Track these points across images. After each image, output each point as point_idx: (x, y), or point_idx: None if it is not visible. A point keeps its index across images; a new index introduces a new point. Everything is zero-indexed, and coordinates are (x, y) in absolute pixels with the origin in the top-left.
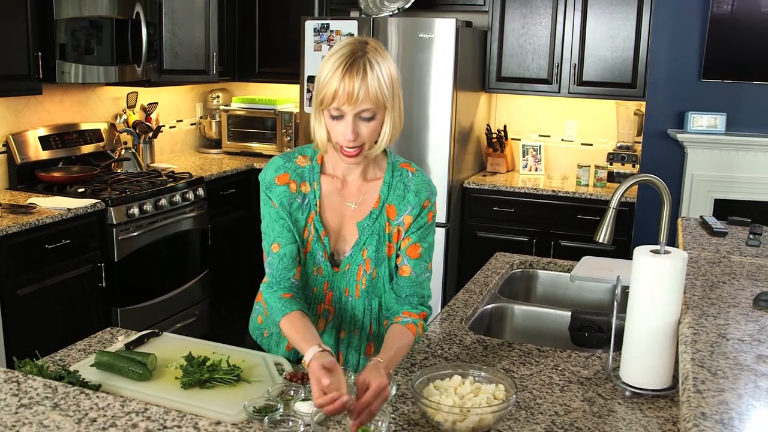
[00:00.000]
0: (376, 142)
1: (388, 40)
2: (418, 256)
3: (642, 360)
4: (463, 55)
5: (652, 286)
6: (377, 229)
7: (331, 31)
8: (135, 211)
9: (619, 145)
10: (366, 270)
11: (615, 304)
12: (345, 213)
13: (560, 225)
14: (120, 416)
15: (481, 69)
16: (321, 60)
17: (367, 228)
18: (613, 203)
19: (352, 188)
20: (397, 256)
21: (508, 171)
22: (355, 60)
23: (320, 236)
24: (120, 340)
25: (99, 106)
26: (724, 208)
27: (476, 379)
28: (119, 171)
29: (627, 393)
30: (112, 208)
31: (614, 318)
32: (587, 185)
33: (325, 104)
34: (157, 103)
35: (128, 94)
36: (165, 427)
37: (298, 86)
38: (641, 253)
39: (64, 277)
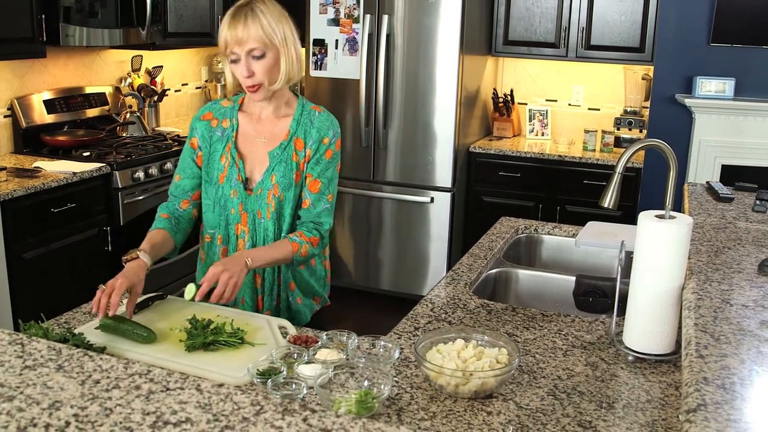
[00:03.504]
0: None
1: (396, 3)
2: (318, 191)
3: (645, 325)
4: (469, 18)
5: (657, 251)
6: (285, 157)
7: None
8: (140, 174)
9: (626, 110)
10: (275, 194)
11: (619, 269)
12: (258, 144)
13: (566, 190)
14: (123, 378)
15: (487, 32)
16: (326, 23)
17: (277, 156)
18: (619, 168)
19: (266, 124)
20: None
21: (514, 135)
22: (239, 10)
23: (235, 161)
24: (125, 303)
25: (104, 70)
26: (732, 174)
27: (479, 343)
28: (124, 135)
29: (630, 358)
30: (117, 172)
31: (617, 283)
32: (594, 150)
33: (222, 52)
34: (161, 66)
35: (133, 58)
36: (168, 389)
37: (303, 49)
38: (646, 218)
39: (70, 241)
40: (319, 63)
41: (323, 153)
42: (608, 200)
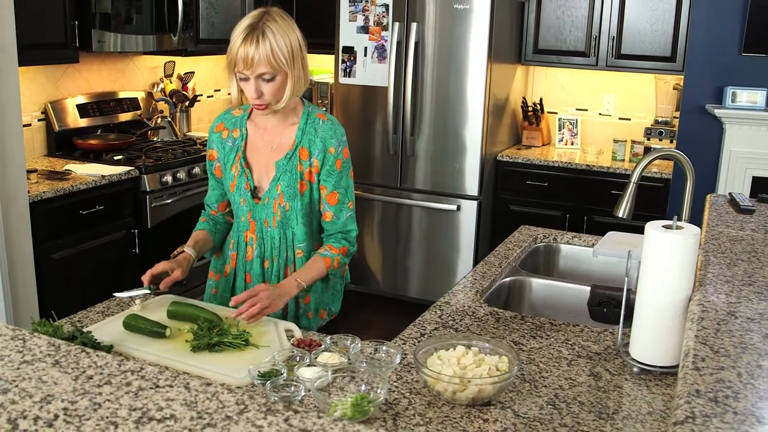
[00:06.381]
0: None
1: (425, 11)
2: (337, 202)
3: (651, 336)
4: (498, 26)
5: (663, 261)
6: (290, 167)
7: (366, 1)
8: (168, 178)
9: (657, 120)
10: (280, 203)
11: (626, 279)
12: (266, 154)
13: (594, 200)
14: (116, 375)
15: (517, 41)
16: (355, 30)
17: (283, 166)
18: (634, 177)
19: (273, 133)
20: (319, 201)
21: (543, 144)
22: (252, 31)
23: (244, 170)
24: (137, 303)
25: (137, 75)
26: (763, 186)
27: (481, 350)
28: (155, 139)
29: (635, 369)
30: (145, 176)
31: (625, 293)
32: (623, 160)
33: (230, 68)
34: (193, 72)
35: (165, 63)
36: (157, 386)
37: (333, 56)
38: (653, 228)
39: (98, 243)
40: (348, 70)
41: (333, 164)
42: (623, 210)
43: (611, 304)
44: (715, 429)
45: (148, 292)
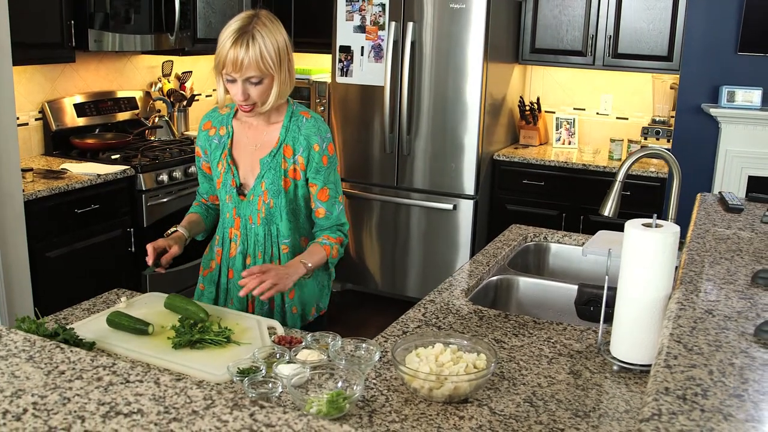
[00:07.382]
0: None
1: (421, 11)
2: (328, 198)
3: (631, 334)
4: (495, 26)
5: (642, 260)
6: (275, 165)
7: (363, 0)
8: (164, 177)
9: (654, 119)
10: (264, 200)
11: (606, 277)
12: (251, 151)
13: (590, 199)
14: (88, 370)
15: (514, 40)
16: (352, 30)
17: (267, 163)
18: (620, 176)
19: (258, 131)
20: (305, 198)
21: (541, 144)
22: (242, 34)
23: (230, 168)
24: (123, 301)
25: (134, 75)
26: (759, 185)
27: (459, 347)
28: (152, 138)
29: (615, 367)
30: (141, 175)
31: (605, 291)
32: (619, 160)
33: (219, 69)
34: (191, 71)
35: (164, 63)
36: (128, 381)
37: (330, 56)
38: (632, 226)
39: (93, 241)
40: (345, 69)
41: (319, 161)
42: (608, 208)
43: (598, 303)
44: (681, 426)
45: (156, 268)
